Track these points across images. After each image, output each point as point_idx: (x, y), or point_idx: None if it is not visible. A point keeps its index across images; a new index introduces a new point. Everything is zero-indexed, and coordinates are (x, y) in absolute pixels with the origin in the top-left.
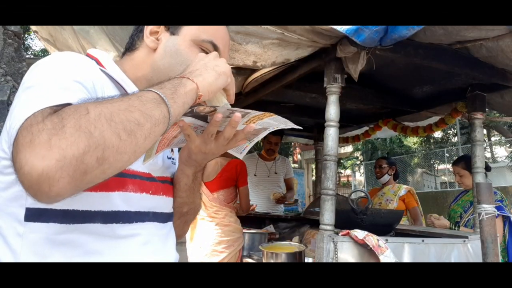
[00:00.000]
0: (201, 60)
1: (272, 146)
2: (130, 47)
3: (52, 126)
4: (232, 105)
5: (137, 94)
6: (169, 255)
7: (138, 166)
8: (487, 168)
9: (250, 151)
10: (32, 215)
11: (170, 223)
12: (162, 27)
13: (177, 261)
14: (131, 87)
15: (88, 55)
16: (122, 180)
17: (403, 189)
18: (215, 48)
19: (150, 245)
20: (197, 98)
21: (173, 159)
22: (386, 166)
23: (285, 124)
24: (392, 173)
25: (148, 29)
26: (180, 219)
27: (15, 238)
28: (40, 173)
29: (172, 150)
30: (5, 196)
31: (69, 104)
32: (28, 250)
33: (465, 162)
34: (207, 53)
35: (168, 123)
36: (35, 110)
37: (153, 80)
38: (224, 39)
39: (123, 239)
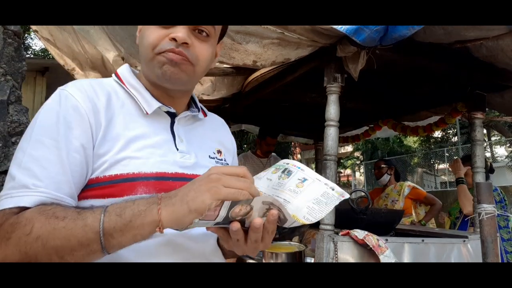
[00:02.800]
0: (192, 183)
1: (270, 148)
2: None
3: (3, 234)
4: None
5: (88, 218)
6: (201, 256)
7: (155, 167)
8: (491, 171)
9: (243, 150)
10: None
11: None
12: None
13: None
14: (141, 93)
15: (115, 74)
16: (131, 184)
17: (406, 188)
18: None
19: (171, 245)
20: (157, 230)
21: (218, 159)
22: (385, 166)
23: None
24: (392, 173)
25: (139, 27)
26: None
27: None
28: None
29: (219, 152)
30: None
31: (25, 208)
32: None
33: (466, 161)
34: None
35: (103, 254)
36: (2, 206)
37: (144, 71)
38: None
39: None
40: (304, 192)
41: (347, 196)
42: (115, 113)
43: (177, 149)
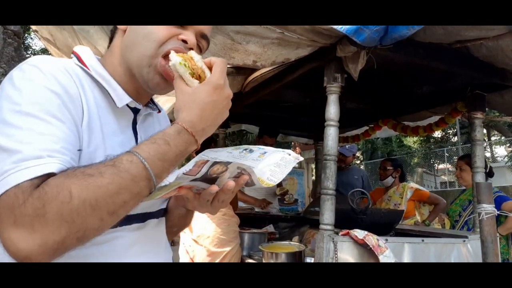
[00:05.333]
0: (216, 108)
1: None
2: (110, 41)
3: (33, 211)
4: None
5: (131, 169)
6: (160, 255)
7: None
8: (490, 174)
9: None
10: None
11: (158, 221)
12: None
13: (170, 261)
14: (112, 85)
15: (73, 52)
16: None
17: (409, 191)
18: None
19: (138, 246)
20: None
21: None
22: (391, 168)
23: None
24: (397, 176)
25: None
26: (170, 234)
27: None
28: (24, 255)
29: None
30: None
31: (50, 174)
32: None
33: (469, 158)
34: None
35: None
36: (13, 183)
37: (123, 62)
38: None
39: (105, 244)
40: (265, 159)
41: (301, 158)
42: (88, 101)
43: None
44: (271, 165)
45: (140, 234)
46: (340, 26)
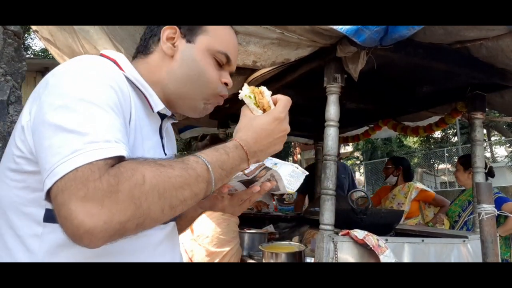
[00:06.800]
0: (271, 136)
1: None
2: (144, 50)
3: (107, 187)
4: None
5: (197, 168)
6: (176, 254)
7: None
8: (491, 174)
9: None
10: (52, 216)
11: (174, 224)
12: (177, 33)
13: (183, 261)
14: (149, 91)
15: (103, 56)
16: None
17: (414, 191)
18: (228, 59)
19: (163, 246)
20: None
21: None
22: (391, 166)
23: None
24: (399, 174)
25: (164, 34)
26: None
27: (32, 239)
28: (86, 230)
29: (175, 156)
30: (23, 195)
31: (121, 157)
32: (45, 251)
33: (464, 158)
34: (220, 64)
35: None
36: (86, 161)
37: (169, 86)
38: (236, 50)
39: (138, 239)
40: (279, 170)
41: (306, 173)
42: (132, 102)
43: (165, 154)
44: (286, 175)
45: (163, 234)
46: (340, 27)
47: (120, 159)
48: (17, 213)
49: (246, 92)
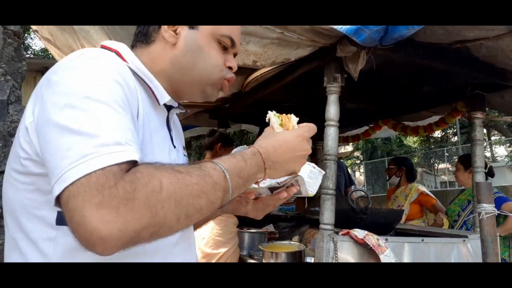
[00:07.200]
0: (291, 151)
1: None
2: (144, 39)
3: (123, 194)
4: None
5: (214, 175)
6: (192, 255)
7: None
8: (491, 174)
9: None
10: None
11: None
12: None
13: (198, 261)
14: (154, 82)
15: (104, 47)
16: None
17: (414, 193)
18: (233, 43)
19: (179, 246)
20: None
21: (186, 156)
22: (393, 167)
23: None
24: (401, 175)
25: None
26: None
27: (46, 242)
28: (100, 237)
29: (184, 148)
30: (34, 198)
31: (134, 162)
32: (60, 255)
33: (464, 158)
34: (224, 47)
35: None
36: (99, 166)
37: (174, 75)
38: (239, 31)
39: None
40: (301, 172)
41: (323, 172)
42: (138, 96)
43: (174, 147)
44: (305, 177)
45: (180, 234)
46: (340, 26)
47: (133, 163)
48: (28, 217)
49: (271, 114)
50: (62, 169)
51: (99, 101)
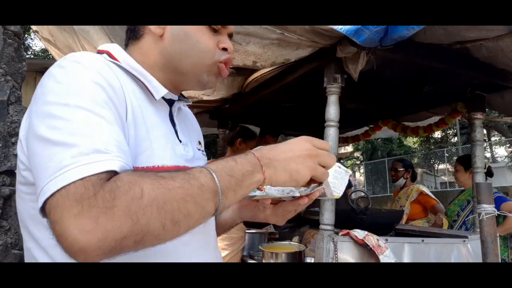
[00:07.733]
0: (291, 151)
1: None
2: (133, 35)
3: (103, 203)
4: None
5: (201, 177)
6: (209, 255)
7: (173, 160)
8: (489, 174)
9: None
10: None
11: (206, 223)
12: None
13: (219, 261)
14: (147, 78)
15: (99, 51)
16: None
17: (415, 193)
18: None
19: (191, 246)
20: (259, 188)
21: (202, 151)
22: (402, 169)
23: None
24: (408, 176)
25: None
26: None
27: (55, 249)
28: (80, 247)
29: (200, 143)
30: (37, 207)
31: (115, 172)
32: (68, 259)
33: (464, 159)
34: (214, 30)
35: (210, 217)
36: (77, 177)
37: (166, 66)
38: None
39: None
40: None
41: (350, 172)
42: (130, 94)
43: (180, 141)
44: (331, 177)
45: (191, 234)
46: (340, 27)
47: (114, 172)
48: (36, 225)
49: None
50: (43, 181)
51: (78, 107)
